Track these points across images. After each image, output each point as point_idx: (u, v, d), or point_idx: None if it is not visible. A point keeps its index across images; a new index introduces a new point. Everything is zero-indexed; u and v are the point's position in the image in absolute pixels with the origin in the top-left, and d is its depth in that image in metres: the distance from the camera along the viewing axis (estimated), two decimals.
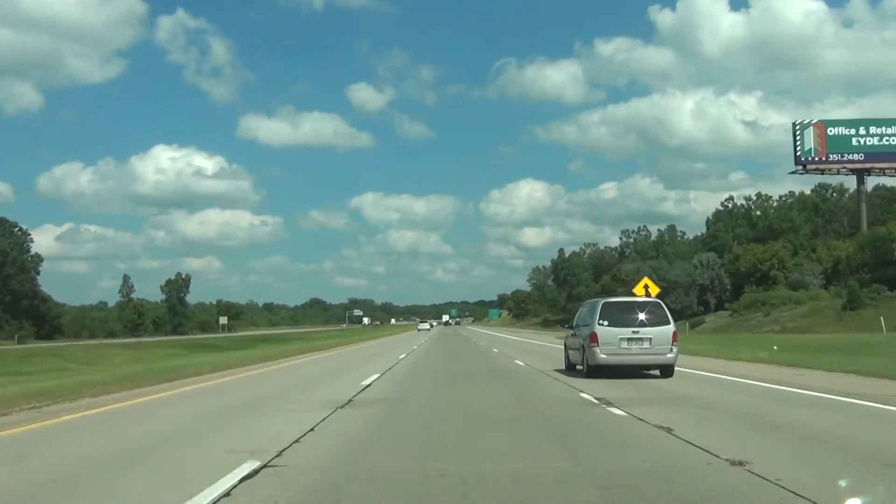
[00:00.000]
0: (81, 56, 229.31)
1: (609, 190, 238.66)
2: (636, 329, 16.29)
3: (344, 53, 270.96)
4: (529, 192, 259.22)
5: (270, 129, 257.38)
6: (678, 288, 76.35)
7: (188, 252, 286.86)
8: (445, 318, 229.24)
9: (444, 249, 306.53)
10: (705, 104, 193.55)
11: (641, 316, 16.60)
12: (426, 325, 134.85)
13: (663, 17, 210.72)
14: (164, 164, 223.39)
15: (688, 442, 7.78)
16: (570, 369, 19.02)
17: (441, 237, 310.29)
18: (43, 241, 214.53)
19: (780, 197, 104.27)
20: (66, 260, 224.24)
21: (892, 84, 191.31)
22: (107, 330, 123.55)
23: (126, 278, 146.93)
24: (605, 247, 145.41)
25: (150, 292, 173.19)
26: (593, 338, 16.28)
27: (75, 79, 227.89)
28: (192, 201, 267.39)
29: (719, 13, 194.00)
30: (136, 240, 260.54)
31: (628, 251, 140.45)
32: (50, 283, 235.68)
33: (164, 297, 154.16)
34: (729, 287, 77.38)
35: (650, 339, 16.20)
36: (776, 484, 5.75)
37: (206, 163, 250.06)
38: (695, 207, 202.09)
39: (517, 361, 25.50)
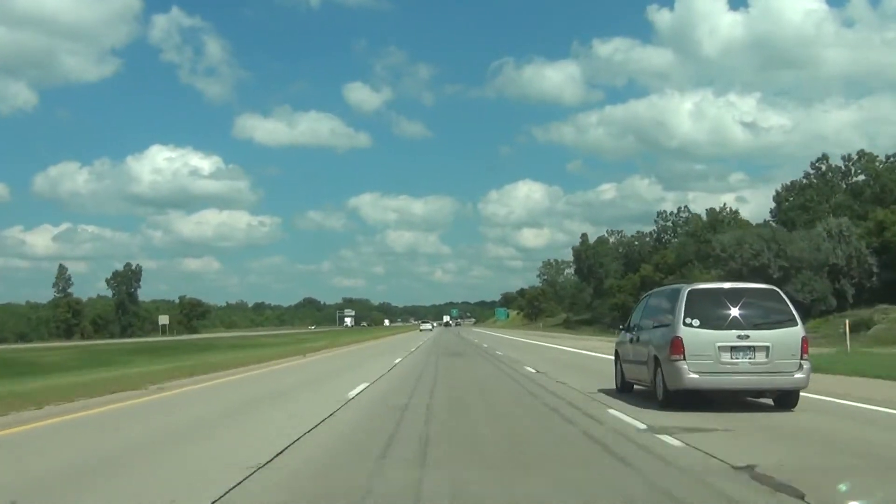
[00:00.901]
0: (76, 54, 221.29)
1: (608, 191, 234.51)
2: (744, 332, 10.48)
3: (340, 52, 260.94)
4: (528, 193, 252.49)
5: (267, 129, 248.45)
6: (802, 269, 48.37)
7: (186, 252, 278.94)
8: (446, 318, 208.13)
9: (443, 250, 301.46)
10: (704, 105, 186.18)
11: (748, 312, 10.69)
12: (428, 326, 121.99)
13: (662, 17, 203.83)
14: (160, 164, 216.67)
15: None
16: (624, 390, 13.12)
17: (439, 238, 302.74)
18: (40, 240, 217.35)
19: (888, 157, 76.31)
20: (63, 260, 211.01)
21: (893, 84, 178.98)
22: (17, 333, 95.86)
23: (62, 269, 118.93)
24: (638, 231, 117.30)
25: (147, 291, 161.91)
26: (676, 346, 10.56)
27: (70, 77, 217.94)
28: (189, 201, 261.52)
29: (718, 12, 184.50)
30: (133, 240, 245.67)
31: (665, 236, 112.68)
32: (46, 283, 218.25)
33: (112, 292, 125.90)
34: (876, 268, 49.40)
35: (767, 347, 10.43)
36: None
37: (203, 163, 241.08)
38: (693, 209, 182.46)
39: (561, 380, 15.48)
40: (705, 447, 7.40)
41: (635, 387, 12.88)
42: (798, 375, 10.40)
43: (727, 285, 11.84)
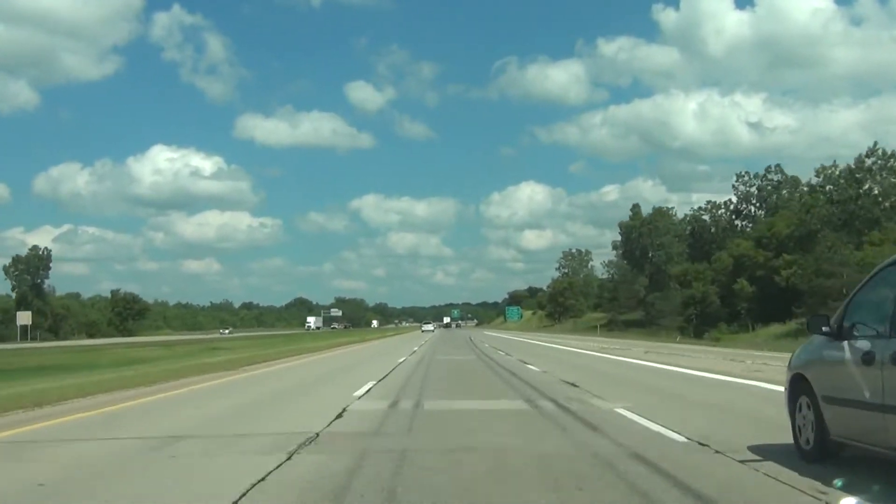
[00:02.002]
0: (76, 52, 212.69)
1: (610, 193, 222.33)
2: None
3: (342, 51, 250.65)
4: (530, 195, 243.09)
5: (269, 129, 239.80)
6: None
7: (187, 254, 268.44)
8: (446, 319, 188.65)
9: (444, 252, 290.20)
10: (709, 105, 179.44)
11: None
12: (430, 327, 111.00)
13: (667, 16, 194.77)
14: (161, 164, 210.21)
15: None
16: (820, 456, 5.77)
17: (441, 240, 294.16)
18: (41, 242, 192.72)
19: None
20: (65, 262, 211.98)
21: None
22: None
23: None
24: (708, 202, 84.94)
25: (151, 294, 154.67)
26: None
27: (70, 76, 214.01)
28: (190, 203, 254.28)
29: (724, 11, 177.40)
30: (135, 241, 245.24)
31: (748, 206, 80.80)
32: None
33: (12, 284, 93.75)
34: None
35: None
36: None
37: (205, 163, 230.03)
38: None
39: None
40: None
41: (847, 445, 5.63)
42: None
43: None
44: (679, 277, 70.57)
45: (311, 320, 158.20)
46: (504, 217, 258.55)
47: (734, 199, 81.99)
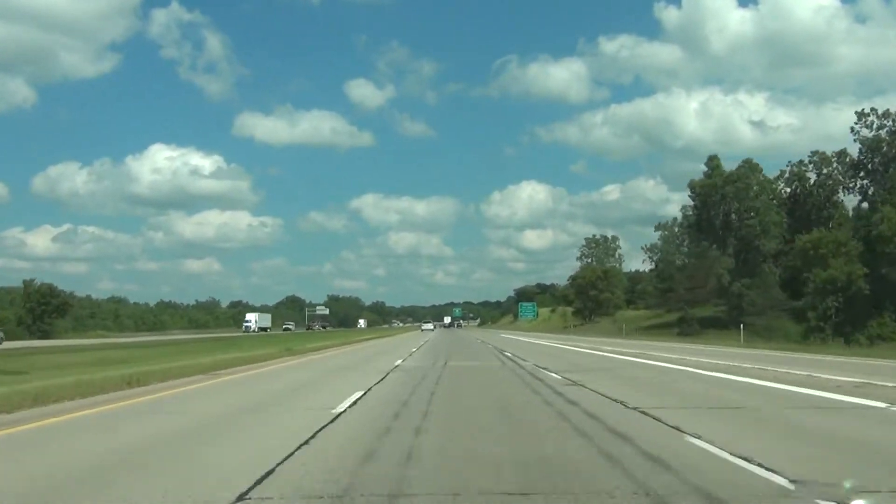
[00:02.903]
0: (73, 50, 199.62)
1: (611, 192, 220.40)
2: None
3: (342, 48, 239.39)
4: (531, 194, 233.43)
5: (268, 128, 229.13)
6: None
7: (188, 253, 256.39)
8: (447, 318, 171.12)
9: (445, 251, 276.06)
10: (711, 104, 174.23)
11: None
12: (430, 326, 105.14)
13: (669, 14, 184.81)
14: (160, 163, 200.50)
15: None
16: None
17: (442, 239, 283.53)
18: (40, 241, 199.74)
19: None
20: (65, 261, 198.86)
21: None
22: None
23: None
24: (814, 153, 60.27)
25: (150, 294, 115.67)
26: None
27: (68, 74, 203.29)
28: (190, 202, 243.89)
29: (726, 9, 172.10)
30: (135, 240, 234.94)
31: (873, 158, 56.55)
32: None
33: None
34: None
35: None
36: None
37: (204, 162, 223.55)
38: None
39: None
40: None
41: None
42: None
43: None
44: (807, 251, 45.84)
45: (250, 318, 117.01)
46: (504, 216, 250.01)
47: (854, 150, 57.69)
